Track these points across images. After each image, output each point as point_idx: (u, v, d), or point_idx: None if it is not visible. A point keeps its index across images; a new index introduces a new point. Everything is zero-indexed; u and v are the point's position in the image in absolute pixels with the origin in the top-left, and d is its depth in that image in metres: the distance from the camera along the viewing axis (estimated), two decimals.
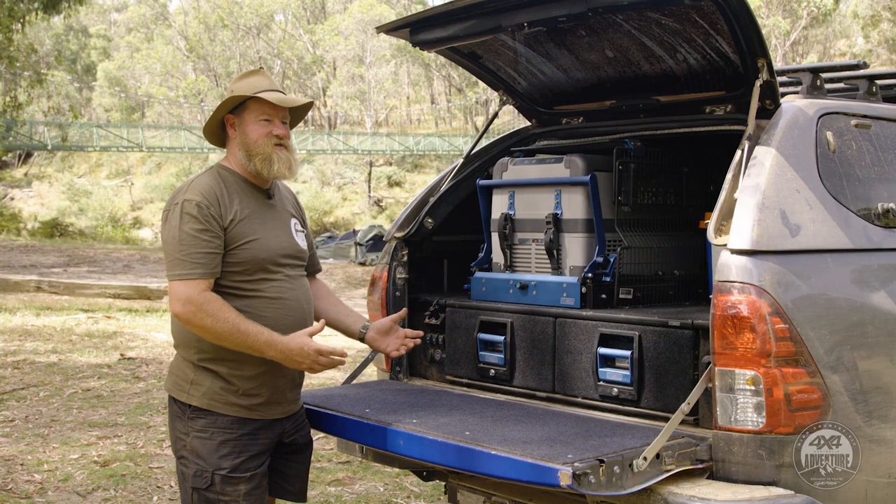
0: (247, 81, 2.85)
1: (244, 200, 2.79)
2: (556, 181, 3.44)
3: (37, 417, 6.40)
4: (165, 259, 2.71)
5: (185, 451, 2.74)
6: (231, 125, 2.85)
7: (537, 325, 3.28)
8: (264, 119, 2.80)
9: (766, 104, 2.92)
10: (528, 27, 3.14)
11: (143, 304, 13.05)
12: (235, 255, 2.72)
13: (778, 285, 2.52)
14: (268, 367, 2.75)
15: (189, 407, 2.74)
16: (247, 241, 2.74)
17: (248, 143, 2.80)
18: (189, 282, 2.63)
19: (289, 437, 2.90)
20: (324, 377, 7.76)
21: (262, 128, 2.80)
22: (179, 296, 2.62)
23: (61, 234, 38.12)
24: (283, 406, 2.85)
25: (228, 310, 2.62)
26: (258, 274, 2.76)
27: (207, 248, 2.65)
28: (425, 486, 4.80)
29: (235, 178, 2.82)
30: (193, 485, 2.70)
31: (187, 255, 2.64)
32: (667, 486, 2.47)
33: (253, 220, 2.78)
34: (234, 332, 2.60)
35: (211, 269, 2.66)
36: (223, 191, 2.75)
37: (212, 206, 2.69)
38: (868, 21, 46.06)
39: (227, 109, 2.84)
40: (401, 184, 53.81)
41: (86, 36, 72.02)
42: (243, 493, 2.70)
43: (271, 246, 2.79)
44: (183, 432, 2.76)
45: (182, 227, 2.66)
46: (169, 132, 49.72)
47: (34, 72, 29.18)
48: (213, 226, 2.68)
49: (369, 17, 52.61)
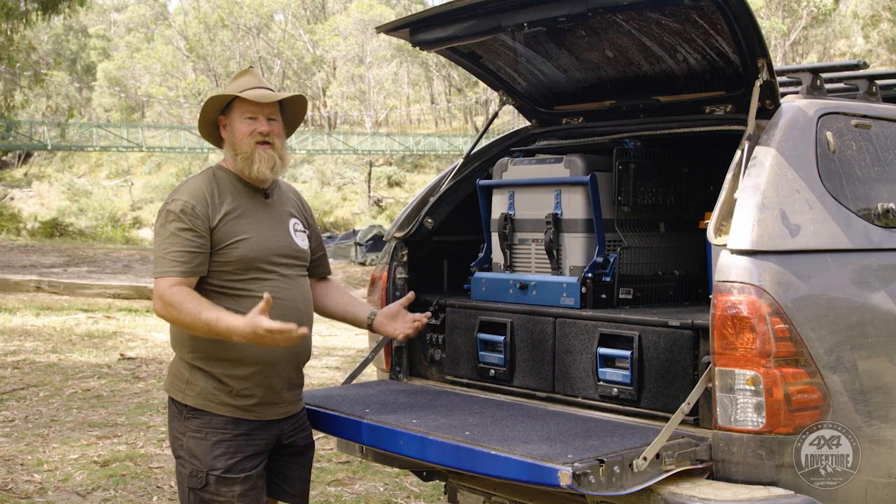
0: (236, 82, 2.85)
1: (237, 199, 2.78)
2: (556, 181, 3.44)
3: (37, 417, 6.40)
4: (152, 258, 2.73)
5: (182, 450, 2.75)
6: (223, 126, 2.85)
7: (537, 325, 3.27)
8: (249, 117, 2.79)
9: (766, 104, 2.92)
10: (528, 27, 3.13)
11: (143, 304, 13.03)
12: (225, 254, 2.72)
13: (778, 285, 2.52)
14: (261, 367, 2.74)
15: (185, 407, 2.74)
16: (237, 239, 2.73)
17: (234, 141, 2.80)
18: (166, 279, 2.63)
19: (287, 438, 2.88)
20: (324, 377, 7.76)
21: (247, 126, 2.79)
22: (160, 293, 2.63)
23: (61, 234, 38.08)
24: (280, 407, 2.83)
25: (191, 300, 2.59)
26: (251, 273, 2.75)
27: (188, 247, 2.66)
28: (425, 486, 4.80)
29: (230, 178, 2.82)
30: (189, 485, 2.71)
31: (168, 253, 2.65)
32: (667, 486, 2.47)
33: (245, 219, 2.77)
34: (198, 321, 2.58)
35: (191, 268, 2.66)
36: (214, 190, 2.75)
37: (198, 206, 2.69)
38: (868, 21, 46.06)
39: (214, 110, 2.84)
40: (401, 184, 53.82)
41: (85, 36, 72.01)
42: (238, 494, 2.69)
43: (264, 245, 2.77)
44: (180, 432, 2.76)
45: (166, 226, 2.68)
46: (169, 132, 49.74)
47: (34, 71, 29.19)
48: (197, 225, 2.68)
49: (369, 17, 52.64)
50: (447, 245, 3.90)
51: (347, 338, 10.58)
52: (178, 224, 2.67)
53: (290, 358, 2.82)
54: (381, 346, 3.65)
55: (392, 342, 3.67)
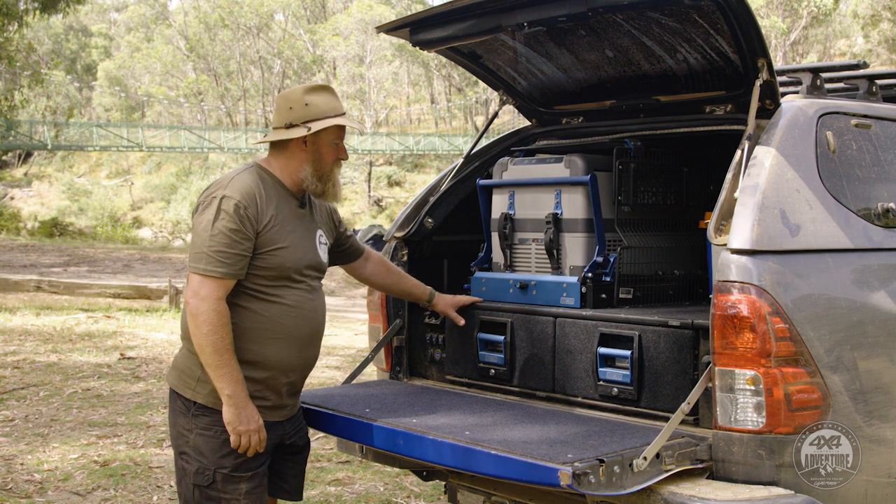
0: (325, 100, 2.83)
1: (280, 205, 2.79)
2: (556, 181, 3.44)
3: (37, 417, 6.40)
4: (191, 249, 2.70)
5: (188, 447, 2.75)
6: (303, 140, 2.82)
7: (537, 324, 3.27)
8: (336, 142, 2.84)
9: (766, 104, 2.92)
10: (528, 27, 3.13)
11: (143, 304, 13.02)
12: (264, 259, 2.72)
13: (778, 285, 2.52)
14: (275, 372, 2.77)
15: (194, 404, 2.74)
16: (276, 247, 2.74)
17: (321, 164, 2.83)
18: (209, 279, 2.62)
19: (289, 438, 2.92)
20: (324, 377, 7.76)
21: (334, 152, 2.85)
22: (196, 289, 2.63)
23: (61, 233, 38.07)
24: (285, 410, 2.88)
25: (228, 333, 2.62)
26: (282, 281, 2.77)
27: (236, 249, 2.65)
28: (425, 486, 4.80)
29: (274, 182, 2.82)
30: (195, 482, 2.71)
31: (215, 252, 2.63)
32: (667, 485, 2.47)
33: (285, 227, 2.78)
34: (217, 352, 2.60)
35: (235, 271, 2.66)
36: (262, 193, 2.75)
37: (249, 208, 2.68)
38: (868, 21, 46.03)
39: (304, 121, 2.79)
40: (401, 183, 53.81)
41: (86, 35, 72.01)
42: (244, 492, 2.71)
43: (298, 256, 2.80)
44: (186, 428, 2.76)
45: (216, 223, 2.65)
46: (169, 132, 49.74)
47: (34, 71, 29.20)
48: (247, 227, 2.67)
49: (369, 17, 52.61)
50: (447, 245, 3.90)
51: (347, 338, 10.58)
52: (230, 224, 2.65)
53: (303, 366, 2.88)
54: (381, 345, 3.65)
55: (392, 342, 3.69)
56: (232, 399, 2.63)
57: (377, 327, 3.72)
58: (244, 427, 2.65)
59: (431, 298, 3.41)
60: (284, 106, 2.82)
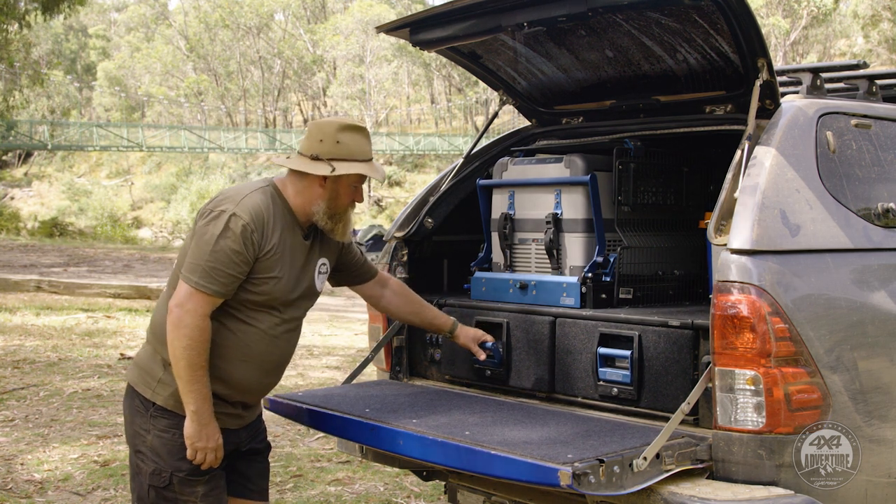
0: (356, 143, 2.78)
1: (284, 234, 2.75)
2: (556, 181, 3.44)
3: (37, 417, 6.40)
4: (189, 257, 2.65)
5: (144, 447, 2.73)
6: (323, 177, 2.77)
7: (537, 324, 3.27)
8: (355, 185, 2.83)
9: (766, 104, 2.92)
10: (528, 27, 3.14)
11: (143, 304, 13.02)
12: (255, 285, 2.70)
13: (778, 285, 2.52)
14: (237, 391, 2.76)
15: (153, 405, 2.72)
16: (269, 276, 2.71)
17: (336, 204, 2.79)
18: (199, 293, 2.60)
19: (246, 445, 2.90)
20: (324, 377, 7.76)
21: (351, 194, 2.82)
22: (183, 300, 2.60)
23: (61, 233, 38.07)
24: (242, 419, 2.86)
25: (206, 350, 2.61)
26: (265, 308, 2.75)
27: (233, 270, 2.63)
28: (425, 486, 4.80)
29: (284, 209, 2.78)
30: (151, 482, 2.70)
31: (212, 268, 2.60)
32: (667, 485, 2.47)
33: (284, 258, 2.75)
34: (191, 367, 2.58)
35: (226, 290, 2.64)
36: (271, 218, 2.71)
37: (255, 232, 2.65)
38: (868, 21, 46.05)
39: (330, 158, 2.75)
40: (401, 184, 53.80)
41: (86, 36, 72.05)
42: (201, 494, 2.70)
43: (288, 288, 2.77)
44: (143, 428, 2.73)
45: (220, 240, 2.61)
46: (169, 132, 49.78)
47: (34, 71, 29.19)
48: (249, 251, 2.65)
49: (369, 17, 52.63)
50: (447, 245, 3.90)
51: (347, 338, 10.58)
52: (234, 245, 2.61)
53: (261, 391, 2.88)
54: (381, 345, 3.65)
55: (392, 342, 3.69)
56: (196, 415, 2.62)
57: (377, 327, 3.72)
58: (202, 444, 2.65)
59: (454, 329, 3.28)
60: (316, 136, 2.77)
